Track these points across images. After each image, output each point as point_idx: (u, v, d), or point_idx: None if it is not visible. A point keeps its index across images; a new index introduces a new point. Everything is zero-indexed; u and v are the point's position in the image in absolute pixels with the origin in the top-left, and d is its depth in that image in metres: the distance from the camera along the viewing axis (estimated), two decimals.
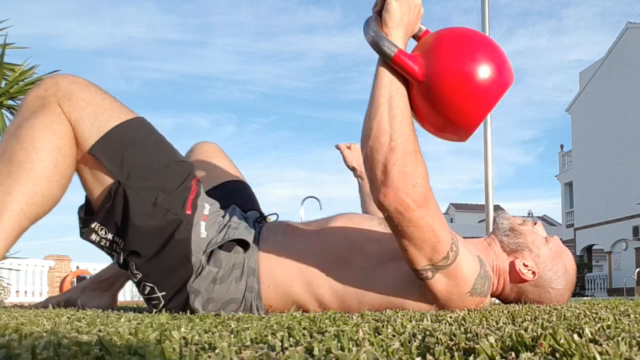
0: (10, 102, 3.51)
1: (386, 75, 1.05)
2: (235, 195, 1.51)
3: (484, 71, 1.01)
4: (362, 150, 1.06)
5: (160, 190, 1.17)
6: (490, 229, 2.15)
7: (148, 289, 1.19)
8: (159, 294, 1.19)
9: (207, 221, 1.21)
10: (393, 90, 1.04)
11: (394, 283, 1.19)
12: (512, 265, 1.33)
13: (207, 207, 1.24)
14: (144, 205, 1.14)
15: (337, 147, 1.93)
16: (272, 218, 1.44)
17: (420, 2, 1.10)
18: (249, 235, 1.22)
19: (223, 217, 1.26)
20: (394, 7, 1.06)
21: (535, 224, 1.41)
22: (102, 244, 1.19)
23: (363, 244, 1.24)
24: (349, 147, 1.90)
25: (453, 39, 1.06)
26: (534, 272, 1.32)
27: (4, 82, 3.52)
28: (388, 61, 1.04)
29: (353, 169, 1.89)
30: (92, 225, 1.17)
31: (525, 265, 1.32)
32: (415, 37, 1.14)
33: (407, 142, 1.02)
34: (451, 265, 1.10)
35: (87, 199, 1.21)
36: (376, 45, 1.04)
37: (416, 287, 1.16)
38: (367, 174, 1.06)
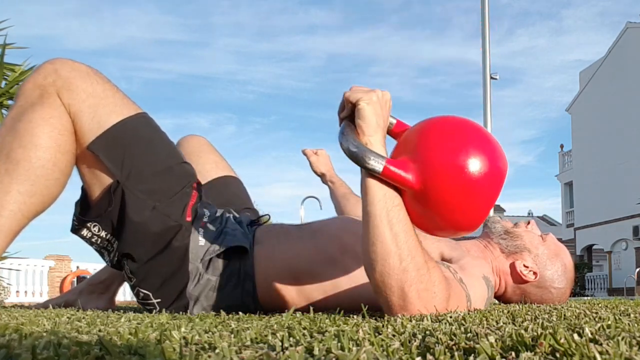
0: (10, 102, 3.51)
1: (378, 191, 0.93)
2: (226, 193, 1.48)
3: (480, 165, 0.92)
4: (368, 277, 0.95)
5: (160, 194, 1.14)
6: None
7: (142, 294, 1.17)
8: (154, 301, 1.17)
9: (205, 228, 1.18)
10: (389, 205, 0.92)
11: None
12: (512, 267, 1.32)
13: (207, 213, 1.21)
14: (142, 209, 1.11)
15: (304, 153, 1.90)
16: (265, 219, 1.42)
17: (389, 96, 0.99)
18: (245, 241, 1.20)
19: (220, 223, 1.23)
20: (367, 112, 0.94)
21: (529, 223, 1.41)
22: (93, 240, 1.16)
23: (355, 247, 1.23)
24: (315, 153, 1.88)
25: (439, 134, 0.95)
26: (535, 273, 1.32)
27: (4, 82, 3.52)
28: (377, 174, 0.93)
29: (322, 175, 1.86)
30: (87, 222, 1.15)
31: (526, 267, 1.32)
32: (388, 131, 1.04)
33: (416, 256, 0.92)
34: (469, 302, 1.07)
35: (83, 191, 1.18)
36: (360, 160, 0.92)
37: None
38: (382, 300, 0.94)
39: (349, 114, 0.98)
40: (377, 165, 0.91)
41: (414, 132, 0.99)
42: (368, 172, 0.93)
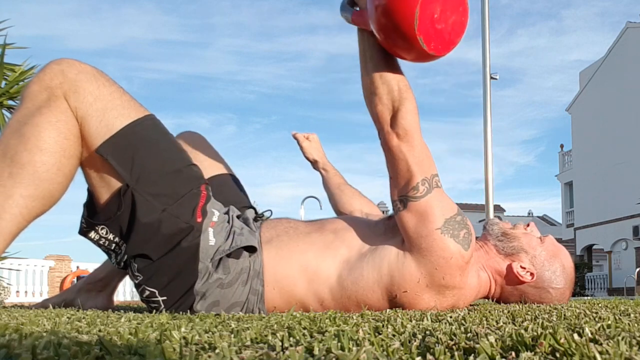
0: (10, 102, 3.51)
1: (357, 34, 1.22)
2: (224, 191, 1.48)
3: None
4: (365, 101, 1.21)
5: (170, 196, 1.13)
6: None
7: (148, 292, 1.16)
8: (160, 299, 1.17)
9: (215, 228, 1.18)
10: (366, 45, 1.19)
11: (387, 267, 1.19)
12: (509, 268, 1.31)
13: (216, 213, 1.21)
14: (152, 211, 1.11)
15: (294, 137, 1.74)
16: (267, 215, 1.42)
17: None
18: (253, 239, 1.21)
19: (228, 222, 1.24)
20: None
21: (528, 225, 1.40)
22: (101, 242, 1.17)
23: (361, 248, 1.23)
24: (307, 138, 1.74)
25: None
26: (532, 274, 1.31)
27: (4, 82, 3.52)
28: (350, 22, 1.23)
29: (314, 162, 1.72)
30: (96, 226, 1.15)
31: (523, 268, 1.31)
32: None
33: (391, 81, 1.16)
34: (421, 199, 1.15)
35: (89, 193, 1.18)
36: (342, 13, 1.25)
37: (402, 262, 1.17)
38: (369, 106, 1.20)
39: None
40: (347, 15, 1.22)
41: None
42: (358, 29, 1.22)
